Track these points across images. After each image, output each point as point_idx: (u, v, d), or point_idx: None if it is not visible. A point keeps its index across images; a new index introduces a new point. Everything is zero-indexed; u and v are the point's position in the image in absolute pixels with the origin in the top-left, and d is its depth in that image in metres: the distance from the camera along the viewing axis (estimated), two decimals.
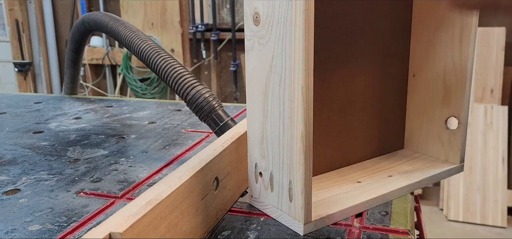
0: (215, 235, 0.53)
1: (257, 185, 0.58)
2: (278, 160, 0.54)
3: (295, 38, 0.47)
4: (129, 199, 0.63)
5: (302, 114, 0.49)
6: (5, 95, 1.32)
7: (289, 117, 0.51)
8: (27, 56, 4.01)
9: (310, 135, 0.50)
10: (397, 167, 0.70)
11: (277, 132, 0.53)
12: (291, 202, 0.53)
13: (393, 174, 0.67)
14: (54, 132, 0.95)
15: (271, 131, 0.54)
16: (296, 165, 0.51)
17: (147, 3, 3.53)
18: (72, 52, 1.17)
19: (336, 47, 0.64)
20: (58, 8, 3.95)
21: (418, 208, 0.98)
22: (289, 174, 0.52)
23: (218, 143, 0.58)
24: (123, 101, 1.22)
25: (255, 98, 0.56)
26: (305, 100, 0.48)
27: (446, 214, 2.77)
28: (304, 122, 0.49)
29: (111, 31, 0.89)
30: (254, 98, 0.56)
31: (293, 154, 0.51)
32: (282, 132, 0.52)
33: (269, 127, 0.54)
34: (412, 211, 0.60)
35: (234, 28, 3.41)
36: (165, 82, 0.78)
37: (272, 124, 0.53)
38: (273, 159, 0.54)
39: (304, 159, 0.50)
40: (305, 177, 0.50)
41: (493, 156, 2.75)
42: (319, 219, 0.54)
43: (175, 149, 0.83)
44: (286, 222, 0.55)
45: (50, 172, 0.73)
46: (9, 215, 0.59)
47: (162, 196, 0.44)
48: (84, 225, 0.56)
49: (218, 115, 0.74)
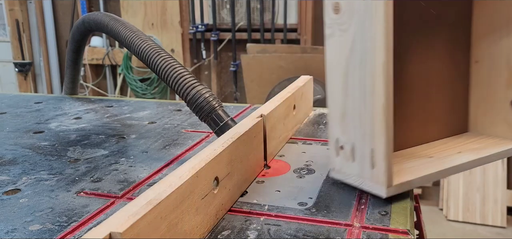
0: (215, 235, 0.53)
1: (338, 158, 0.64)
2: (360, 133, 0.59)
3: (377, 22, 0.53)
4: (129, 199, 0.64)
5: (383, 88, 0.55)
6: (6, 95, 1.32)
7: (370, 93, 0.56)
8: (27, 56, 4.01)
9: (391, 106, 0.56)
10: (465, 145, 0.74)
11: (358, 108, 0.59)
12: (373, 168, 0.58)
13: (462, 151, 0.71)
14: (55, 132, 0.95)
15: (352, 107, 0.60)
16: (378, 134, 0.57)
17: (147, 3, 3.53)
18: (72, 52, 1.17)
19: (410, 36, 0.70)
20: (58, 8, 3.95)
21: (418, 208, 0.98)
22: (371, 143, 0.58)
23: (218, 143, 0.58)
24: (123, 102, 1.22)
25: (335, 81, 0.62)
26: (385, 75, 0.54)
27: (446, 214, 2.77)
28: (385, 95, 0.55)
29: (111, 31, 0.89)
30: (334, 82, 0.62)
31: (375, 124, 0.57)
32: (363, 107, 0.58)
33: (350, 104, 0.60)
34: (412, 211, 0.60)
35: (234, 28, 3.41)
36: (165, 83, 0.78)
37: (353, 101, 0.59)
38: (354, 132, 0.60)
39: (386, 128, 0.56)
40: (386, 144, 0.56)
41: None
42: (400, 184, 0.59)
43: (175, 149, 0.84)
44: (369, 187, 0.60)
45: (50, 172, 0.73)
46: (9, 215, 0.59)
47: (162, 196, 0.44)
48: (84, 225, 0.56)
49: (218, 116, 0.75)
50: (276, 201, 0.61)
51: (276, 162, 0.76)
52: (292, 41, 3.42)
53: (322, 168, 0.73)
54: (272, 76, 2.87)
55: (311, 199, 0.62)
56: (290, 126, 0.88)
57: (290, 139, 0.88)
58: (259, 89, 2.94)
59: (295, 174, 0.71)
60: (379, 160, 0.57)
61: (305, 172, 0.72)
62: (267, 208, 0.60)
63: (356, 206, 0.60)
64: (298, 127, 0.95)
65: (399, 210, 0.58)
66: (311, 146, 0.84)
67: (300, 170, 0.72)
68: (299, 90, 0.93)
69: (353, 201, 0.61)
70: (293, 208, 0.59)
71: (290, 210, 0.59)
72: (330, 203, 0.60)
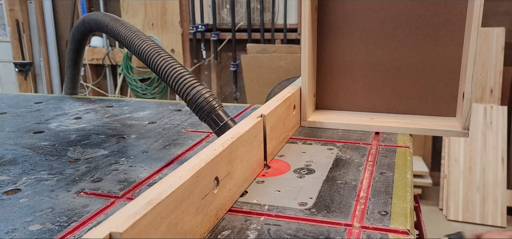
0: (215, 235, 0.53)
1: None
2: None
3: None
4: (130, 199, 0.64)
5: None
6: (6, 95, 1.33)
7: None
8: (27, 57, 4.01)
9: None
10: (417, 121, 0.92)
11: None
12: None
13: (399, 121, 0.92)
14: (55, 132, 0.95)
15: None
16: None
17: (147, 3, 3.53)
18: (72, 52, 1.18)
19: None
20: (59, 8, 3.95)
21: (417, 207, 0.98)
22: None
23: (218, 143, 0.58)
24: (124, 102, 1.23)
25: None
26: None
27: (445, 214, 2.77)
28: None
29: (111, 32, 0.89)
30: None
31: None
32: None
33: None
34: (411, 210, 0.60)
35: (234, 28, 3.41)
36: (165, 83, 0.78)
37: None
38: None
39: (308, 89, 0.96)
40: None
41: (493, 156, 2.75)
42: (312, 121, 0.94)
43: (175, 149, 0.84)
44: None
45: (50, 172, 0.73)
46: (9, 215, 0.59)
47: (162, 196, 0.44)
48: (84, 224, 0.56)
49: (218, 116, 0.75)
50: (276, 201, 0.61)
51: (276, 162, 0.76)
52: (292, 41, 3.41)
53: (322, 168, 0.73)
54: (272, 76, 2.87)
55: (311, 199, 0.62)
56: (290, 126, 0.88)
57: (290, 139, 0.88)
58: (259, 89, 2.94)
59: (295, 174, 0.71)
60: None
61: (305, 172, 0.72)
62: (267, 208, 0.60)
63: (356, 206, 0.60)
64: (298, 126, 0.95)
65: (399, 210, 0.59)
66: (311, 146, 0.84)
67: (300, 170, 0.72)
68: (299, 90, 0.93)
69: (353, 201, 0.61)
70: (293, 208, 0.59)
71: (290, 210, 0.59)
72: (330, 203, 0.61)
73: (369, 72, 0.97)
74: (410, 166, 0.74)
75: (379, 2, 0.93)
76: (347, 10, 0.96)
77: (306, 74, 0.93)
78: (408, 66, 0.94)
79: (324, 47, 0.99)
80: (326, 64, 1.00)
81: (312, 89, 0.99)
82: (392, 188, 0.65)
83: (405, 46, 0.93)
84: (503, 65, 2.86)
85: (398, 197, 0.62)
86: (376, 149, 0.82)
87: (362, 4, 0.94)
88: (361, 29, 0.96)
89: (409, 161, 0.76)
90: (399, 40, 0.93)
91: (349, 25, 0.96)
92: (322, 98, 1.03)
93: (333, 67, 1.00)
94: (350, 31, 0.97)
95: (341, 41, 0.98)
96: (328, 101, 1.03)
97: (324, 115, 0.99)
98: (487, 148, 2.76)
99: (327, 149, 0.82)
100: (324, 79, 1.02)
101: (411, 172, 0.72)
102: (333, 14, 0.97)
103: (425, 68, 0.93)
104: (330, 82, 1.02)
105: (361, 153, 0.80)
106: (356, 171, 0.72)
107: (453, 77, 0.92)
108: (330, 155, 0.79)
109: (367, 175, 0.70)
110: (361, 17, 0.95)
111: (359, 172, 0.72)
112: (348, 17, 0.96)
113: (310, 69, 0.94)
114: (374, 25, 0.95)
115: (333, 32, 0.98)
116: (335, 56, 0.99)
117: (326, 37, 0.98)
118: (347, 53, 0.98)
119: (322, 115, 0.99)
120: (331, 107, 1.03)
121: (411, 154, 0.81)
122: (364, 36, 0.96)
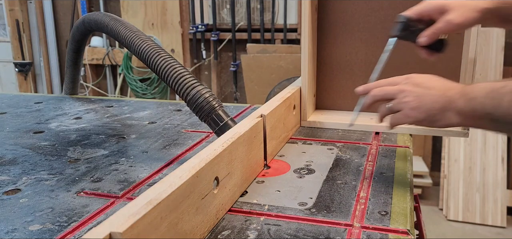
0: (215, 235, 0.53)
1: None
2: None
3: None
4: (129, 198, 0.64)
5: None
6: (6, 96, 1.33)
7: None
8: (27, 57, 4.01)
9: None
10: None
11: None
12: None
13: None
14: (55, 132, 0.95)
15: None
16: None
17: (147, 3, 3.53)
18: (72, 52, 1.18)
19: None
20: (59, 8, 3.95)
21: (417, 208, 0.98)
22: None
23: (218, 143, 0.58)
24: (124, 102, 1.23)
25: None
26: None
27: (445, 214, 2.77)
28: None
29: (111, 32, 0.89)
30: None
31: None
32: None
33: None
34: (411, 211, 0.60)
35: (234, 28, 3.40)
36: (165, 82, 0.78)
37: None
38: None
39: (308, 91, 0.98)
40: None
41: (493, 156, 2.75)
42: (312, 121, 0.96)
43: (175, 149, 0.84)
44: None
45: (50, 172, 0.73)
46: (9, 215, 0.59)
47: (162, 196, 0.44)
48: (84, 224, 0.56)
49: (218, 116, 0.75)
50: (276, 201, 0.61)
51: (276, 162, 0.76)
52: (292, 41, 3.41)
53: (322, 168, 0.73)
54: (272, 76, 2.87)
55: (311, 199, 0.62)
56: (290, 125, 0.88)
57: (290, 139, 0.88)
58: (259, 89, 2.94)
59: (295, 174, 0.71)
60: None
61: (305, 172, 0.72)
62: (267, 208, 0.60)
63: (356, 206, 0.60)
64: (298, 126, 0.95)
65: (399, 210, 0.59)
66: (311, 146, 0.84)
67: (300, 170, 0.72)
68: (299, 90, 0.93)
69: (353, 201, 0.61)
70: (293, 208, 0.59)
71: (290, 210, 0.59)
72: (330, 203, 0.60)
73: (369, 72, 0.97)
74: (410, 166, 0.74)
75: (379, 2, 0.93)
76: (347, 10, 0.96)
77: (306, 74, 0.93)
78: (408, 66, 0.94)
79: (324, 47, 0.99)
80: (326, 64, 1.00)
81: (312, 89, 0.99)
82: (392, 188, 0.65)
83: (405, 46, 0.93)
84: (503, 65, 2.85)
85: (398, 197, 0.62)
86: (376, 149, 0.82)
87: (362, 4, 0.94)
88: (361, 29, 0.96)
89: (409, 161, 0.76)
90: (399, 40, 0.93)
91: (349, 25, 0.97)
92: (322, 98, 1.03)
93: (333, 67, 1.00)
94: (350, 31, 0.97)
95: (341, 41, 0.98)
96: (328, 101, 1.03)
97: (324, 115, 0.99)
98: (487, 148, 2.76)
99: (327, 149, 0.82)
100: (324, 79, 1.02)
101: (411, 172, 0.72)
102: (333, 14, 0.97)
103: (425, 68, 0.93)
104: (330, 82, 1.02)
105: (361, 153, 0.80)
106: (356, 171, 0.72)
107: (453, 77, 0.92)
108: (330, 155, 0.79)
109: (367, 175, 0.70)
110: (361, 17, 0.95)
111: (359, 172, 0.72)
112: (348, 17, 0.96)
113: (310, 69, 0.94)
114: (374, 25, 0.95)
115: (333, 32, 0.98)
116: (335, 56, 0.99)
117: (326, 37, 0.98)
118: (347, 53, 0.98)
119: (322, 115, 0.99)
120: (331, 107, 1.03)
121: (411, 154, 0.81)
122: (364, 36, 0.96)
